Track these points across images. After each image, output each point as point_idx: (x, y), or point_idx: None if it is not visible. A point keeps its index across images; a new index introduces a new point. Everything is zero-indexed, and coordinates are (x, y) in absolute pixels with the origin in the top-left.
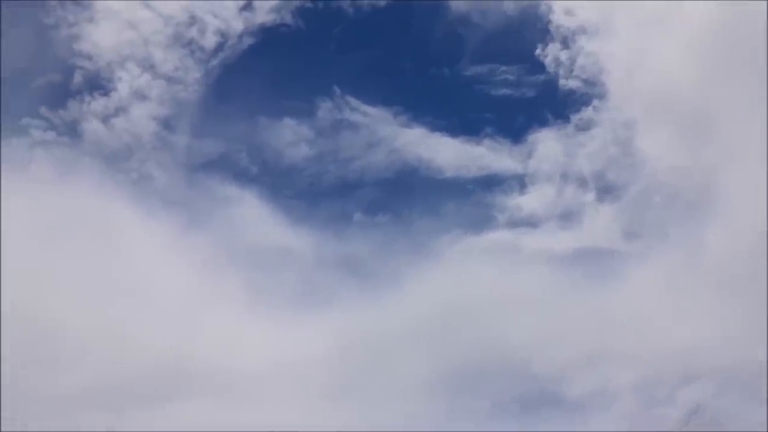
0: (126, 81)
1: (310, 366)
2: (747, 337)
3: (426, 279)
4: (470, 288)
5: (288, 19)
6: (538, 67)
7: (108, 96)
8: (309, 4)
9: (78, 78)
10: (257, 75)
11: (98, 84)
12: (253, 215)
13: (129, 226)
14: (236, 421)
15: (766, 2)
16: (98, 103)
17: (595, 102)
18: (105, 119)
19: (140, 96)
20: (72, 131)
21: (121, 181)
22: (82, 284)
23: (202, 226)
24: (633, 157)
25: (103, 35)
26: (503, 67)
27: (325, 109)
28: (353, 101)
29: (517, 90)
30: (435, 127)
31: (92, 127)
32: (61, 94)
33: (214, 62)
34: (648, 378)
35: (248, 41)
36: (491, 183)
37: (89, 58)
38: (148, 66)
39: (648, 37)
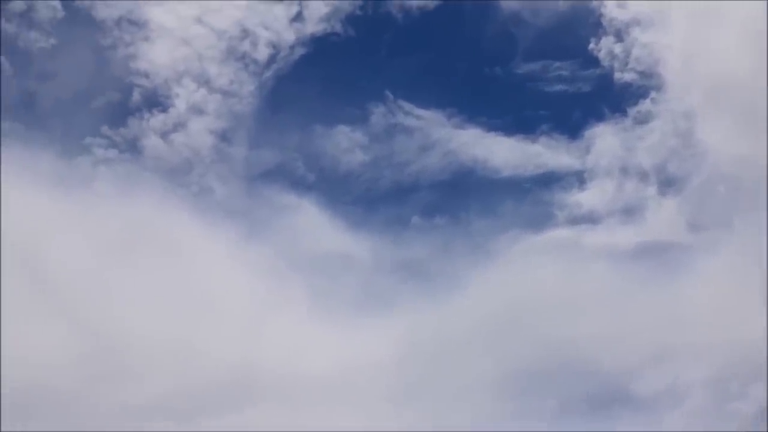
0: (183, 97)
1: (374, 370)
2: None
3: (486, 279)
4: (532, 287)
5: (338, 27)
6: (592, 61)
7: (166, 112)
8: (358, 12)
9: (136, 96)
10: (310, 84)
11: (156, 101)
12: (311, 222)
13: (192, 238)
14: (303, 426)
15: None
16: (157, 120)
17: (653, 94)
18: (164, 135)
19: (197, 111)
20: (133, 148)
21: (182, 194)
22: (149, 296)
23: (262, 235)
24: (694, 148)
25: (158, 53)
26: (557, 63)
27: (378, 115)
28: (406, 105)
29: (572, 85)
30: (490, 127)
31: (152, 143)
32: (121, 112)
33: (268, 74)
34: (719, 373)
35: (300, 51)
36: (549, 180)
37: (146, 76)
38: (204, 81)
39: (703, 27)
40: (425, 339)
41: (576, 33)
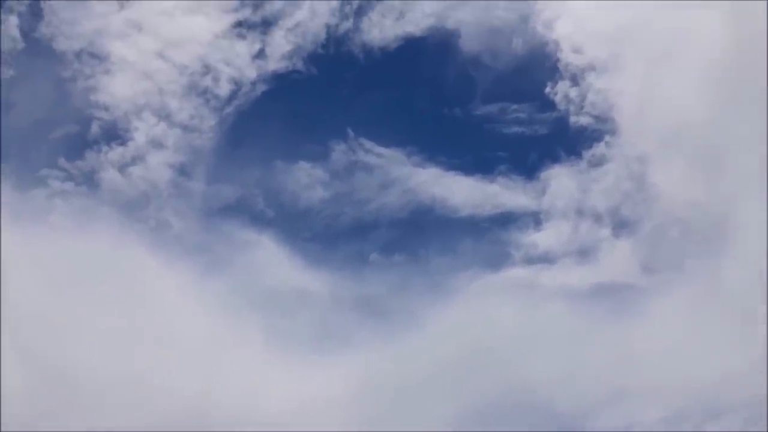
0: (142, 130)
1: (331, 407)
2: None
3: (444, 318)
4: (489, 326)
5: (300, 65)
6: (549, 104)
7: (125, 145)
8: (320, 50)
9: (95, 128)
10: (271, 120)
11: (115, 134)
12: (270, 258)
13: (147, 273)
14: None
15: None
16: (115, 153)
17: (607, 138)
18: (122, 168)
19: (156, 144)
20: (90, 181)
21: (139, 229)
22: (102, 332)
23: (220, 270)
24: (647, 191)
25: (119, 86)
26: (514, 106)
27: (339, 152)
28: (367, 143)
29: (529, 128)
30: (449, 167)
31: (109, 176)
32: (79, 144)
33: (229, 109)
34: (673, 414)
35: (261, 88)
36: (506, 220)
37: (106, 108)
38: (164, 115)
39: (658, 72)
40: (383, 376)
41: (533, 77)
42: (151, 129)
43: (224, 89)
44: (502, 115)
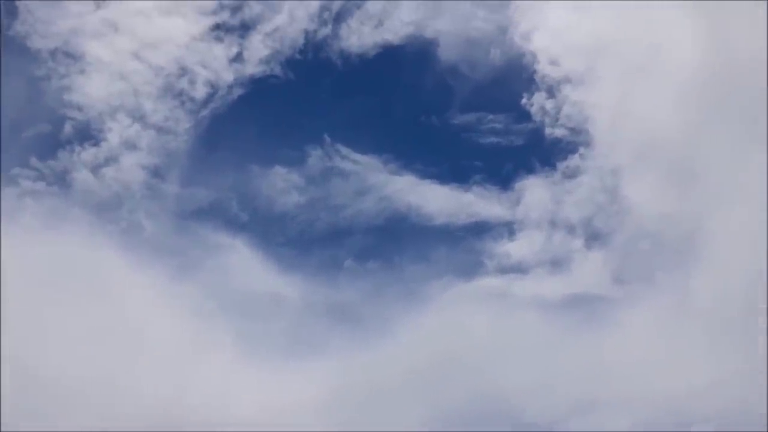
0: (116, 131)
1: (303, 413)
2: (738, 382)
3: (417, 325)
4: (462, 334)
5: (278, 70)
6: (525, 115)
7: (98, 146)
8: (298, 56)
9: (68, 128)
10: (248, 124)
11: (88, 134)
12: (243, 263)
13: (119, 275)
14: None
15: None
16: (88, 153)
17: (582, 150)
18: (94, 169)
19: (130, 146)
20: (61, 181)
21: (110, 230)
22: (72, 334)
23: (192, 273)
24: (619, 204)
25: (93, 86)
26: (491, 116)
27: (315, 157)
28: (343, 149)
29: (505, 138)
30: (424, 175)
31: (82, 176)
32: (51, 144)
33: (205, 112)
34: (642, 424)
35: (238, 92)
36: (480, 230)
37: (80, 109)
38: (139, 116)
39: (633, 85)
40: (355, 383)
41: (510, 87)
42: (125, 130)
43: (200, 92)
44: (479, 124)
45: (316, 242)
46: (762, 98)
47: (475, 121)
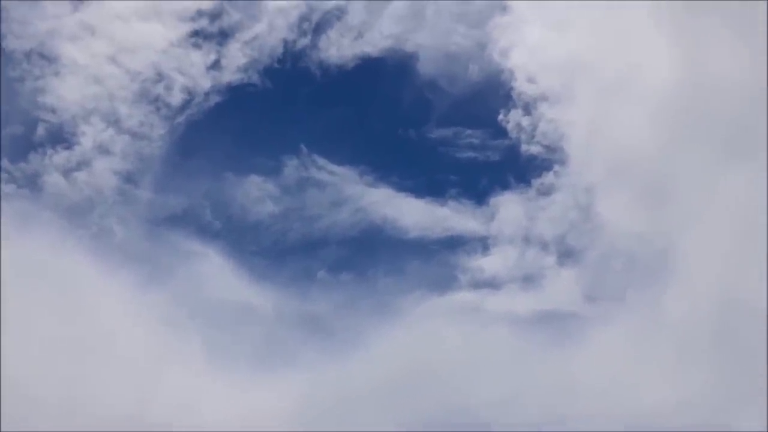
0: (90, 135)
1: (271, 425)
2: (708, 401)
3: (389, 338)
4: (434, 348)
5: (255, 78)
6: (501, 132)
7: (71, 149)
8: (277, 65)
9: (41, 131)
10: (224, 132)
11: (61, 137)
12: (215, 271)
13: (88, 281)
14: None
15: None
16: (60, 157)
17: (556, 167)
18: (66, 173)
19: (103, 150)
20: (32, 184)
21: (80, 235)
22: (38, 338)
23: (163, 281)
24: (592, 222)
25: (68, 89)
26: (468, 131)
27: (291, 167)
28: (320, 160)
29: (482, 153)
30: (401, 188)
31: (53, 180)
32: (23, 146)
33: (180, 119)
34: None
35: (215, 99)
36: (455, 244)
37: (53, 111)
38: (113, 121)
39: (608, 104)
40: (325, 395)
41: (487, 103)
42: (99, 134)
43: (177, 98)
44: (456, 139)
45: (289, 252)
46: (735, 119)
47: (452, 136)
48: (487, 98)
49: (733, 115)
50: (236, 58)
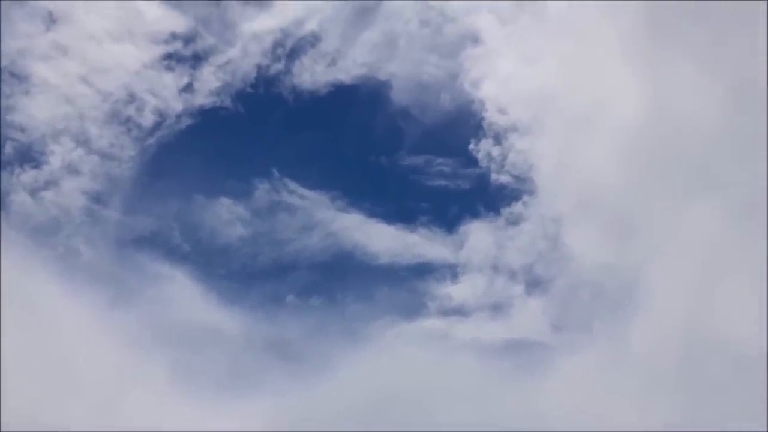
0: (58, 154)
1: None
2: (672, 430)
3: (357, 364)
4: (402, 375)
5: (228, 102)
6: (472, 161)
7: (39, 169)
8: (249, 89)
9: (9, 149)
10: (195, 154)
11: (29, 156)
12: (183, 294)
13: (53, 301)
14: None
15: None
16: (28, 176)
17: (525, 197)
18: (34, 192)
19: (72, 170)
20: None
21: (46, 255)
22: (2, 358)
23: (129, 303)
24: (560, 252)
25: (38, 108)
26: (439, 159)
27: (262, 191)
28: (291, 184)
29: (452, 182)
30: (372, 214)
31: (20, 199)
32: None
33: (151, 140)
34: None
35: (187, 121)
36: (424, 271)
37: (22, 130)
38: (83, 141)
39: (576, 137)
40: (292, 421)
41: (459, 133)
42: (68, 154)
43: (148, 119)
44: (427, 167)
45: (258, 276)
46: (699, 154)
47: (423, 164)
48: (459, 127)
49: (698, 151)
50: (209, 81)
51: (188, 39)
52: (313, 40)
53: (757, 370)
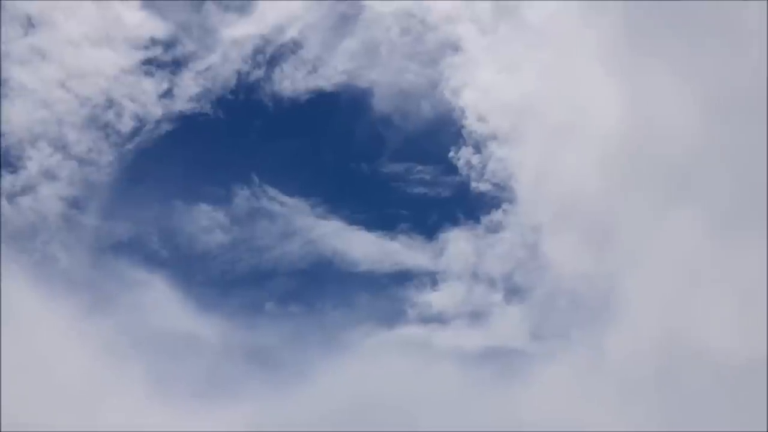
0: (36, 160)
1: None
2: None
3: (336, 372)
4: (381, 383)
5: (207, 108)
6: (452, 169)
7: (16, 174)
8: (229, 96)
9: None
10: (174, 160)
11: (6, 161)
12: (160, 300)
13: (29, 307)
14: None
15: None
16: (5, 181)
17: (505, 205)
18: (10, 197)
19: (49, 176)
20: None
21: (23, 261)
22: None
23: (106, 309)
24: (539, 260)
25: (15, 113)
26: (420, 167)
27: (242, 197)
28: (271, 190)
29: (433, 189)
30: (352, 221)
31: None
32: None
33: (130, 146)
34: None
35: (166, 127)
36: (404, 278)
37: None
38: (60, 146)
39: (555, 147)
40: (271, 428)
41: (439, 140)
42: (46, 159)
43: (127, 125)
44: (408, 174)
45: (237, 283)
46: (677, 164)
47: (404, 171)
48: (439, 135)
49: (676, 160)
50: (189, 87)
51: (168, 44)
52: (294, 47)
53: (733, 379)
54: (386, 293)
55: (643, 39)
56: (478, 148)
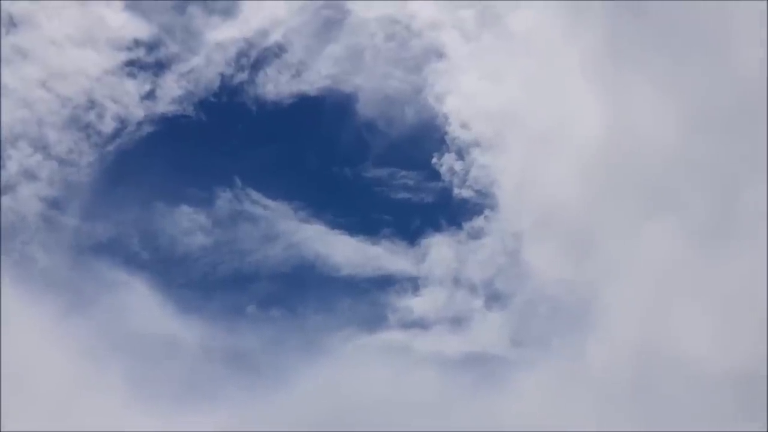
0: (15, 159)
1: None
2: None
3: (317, 376)
4: (361, 387)
5: (190, 111)
6: (435, 174)
7: None
8: (212, 98)
9: None
10: (155, 162)
11: None
12: (140, 302)
13: (7, 308)
14: None
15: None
16: None
17: (487, 212)
18: None
19: (29, 175)
20: None
21: (2, 261)
22: None
23: (85, 310)
24: (520, 267)
25: None
26: (403, 172)
27: (224, 200)
28: (254, 194)
29: (415, 195)
30: (334, 225)
31: None
32: None
33: (111, 147)
34: None
35: (148, 129)
36: (386, 283)
37: None
38: (41, 146)
39: (537, 154)
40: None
41: (422, 146)
42: (26, 159)
43: (108, 126)
44: (391, 179)
45: (218, 286)
46: (658, 173)
47: (387, 176)
48: (422, 141)
49: (656, 171)
50: (171, 89)
51: (151, 46)
52: (278, 51)
53: (709, 387)
54: (368, 298)
55: (626, 52)
56: (461, 155)
